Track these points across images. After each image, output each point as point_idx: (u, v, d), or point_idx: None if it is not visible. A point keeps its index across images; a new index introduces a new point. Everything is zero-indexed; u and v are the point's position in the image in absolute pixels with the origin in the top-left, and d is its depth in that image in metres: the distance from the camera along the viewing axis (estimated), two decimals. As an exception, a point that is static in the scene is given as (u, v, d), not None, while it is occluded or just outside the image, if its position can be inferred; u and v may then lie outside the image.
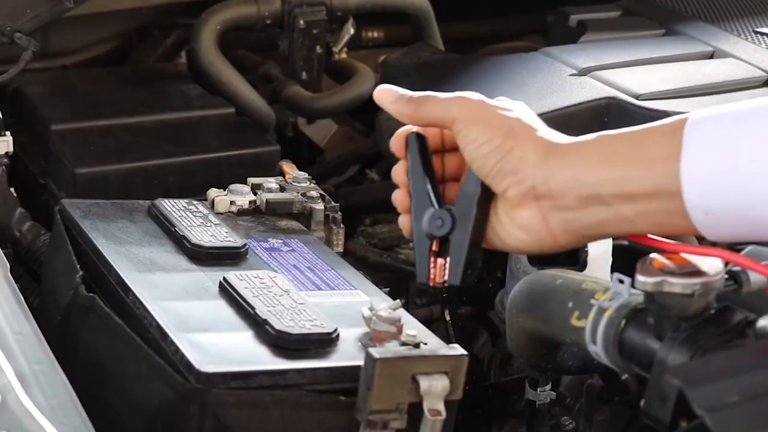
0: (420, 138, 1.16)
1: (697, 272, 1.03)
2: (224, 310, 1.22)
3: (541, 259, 1.15)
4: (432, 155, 1.17)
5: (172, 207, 1.41)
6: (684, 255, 1.06)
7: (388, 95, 1.19)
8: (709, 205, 1.03)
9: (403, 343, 1.13)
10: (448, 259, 1.13)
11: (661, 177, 1.05)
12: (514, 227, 1.11)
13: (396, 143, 1.18)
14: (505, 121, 1.11)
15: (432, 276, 1.14)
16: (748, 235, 1.06)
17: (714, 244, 1.18)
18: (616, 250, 1.40)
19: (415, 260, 1.15)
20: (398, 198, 1.18)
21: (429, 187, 1.15)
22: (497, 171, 1.10)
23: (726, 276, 1.05)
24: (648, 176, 1.05)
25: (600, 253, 1.41)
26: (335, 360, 1.15)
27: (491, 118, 1.12)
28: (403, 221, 1.17)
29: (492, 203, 1.13)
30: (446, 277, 1.13)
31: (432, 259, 1.14)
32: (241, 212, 1.46)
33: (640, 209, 1.06)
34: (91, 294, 1.26)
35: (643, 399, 1.01)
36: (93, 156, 1.63)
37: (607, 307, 1.09)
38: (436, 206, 1.14)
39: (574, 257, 1.17)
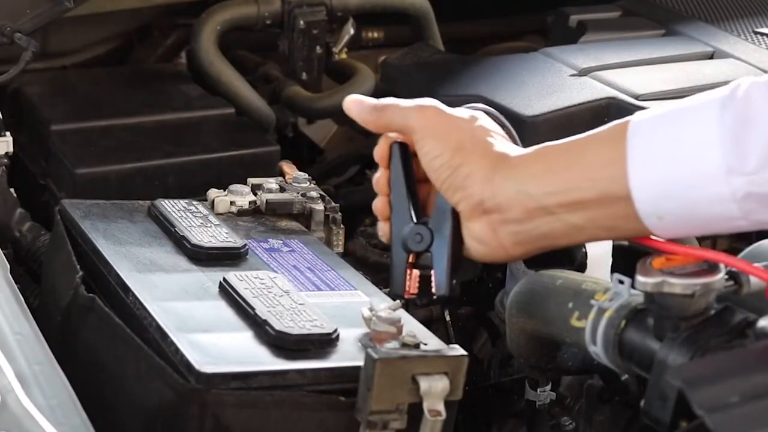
0: (403, 147, 1.19)
1: (697, 273, 1.03)
2: (224, 311, 1.22)
3: (537, 261, 1.16)
4: (413, 161, 1.19)
5: (172, 207, 1.41)
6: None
7: (355, 104, 1.21)
8: (662, 210, 1.05)
9: (403, 344, 1.13)
10: (432, 272, 1.16)
11: (607, 182, 1.07)
12: (469, 238, 1.15)
13: (380, 153, 1.20)
14: (457, 135, 1.14)
15: (407, 288, 1.17)
16: (701, 233, 1.07)
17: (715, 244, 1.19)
18: (616, 250, 1.40)
19: (390, 272, 1.18)
20: (379, 207, 1.20)
21: (409, 200, 1.18)
22: (448, 186, 1.14)
23: (726, 277, 1.05)
24: (592, 183, 1.08)
25: (600, 253, 1.41)
26: (335, 360, 1.15)
27: (444, 131, 1.15)
28: (384, 228, 1.20)
29: None
30: (434, 289, 1.17)
31: (408, 271, 1.17)
32: (241, 213, 1.46)
33: (589, 216, 1.09)
34: (91, 294, 1.26)
35: (643, 399, 1.01)
36: (93, 156, 1.63)
37: (607, 307, 1.09)
38: (415, 220, 1.17)
39: (570, 256, 1.17)
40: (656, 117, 1.08)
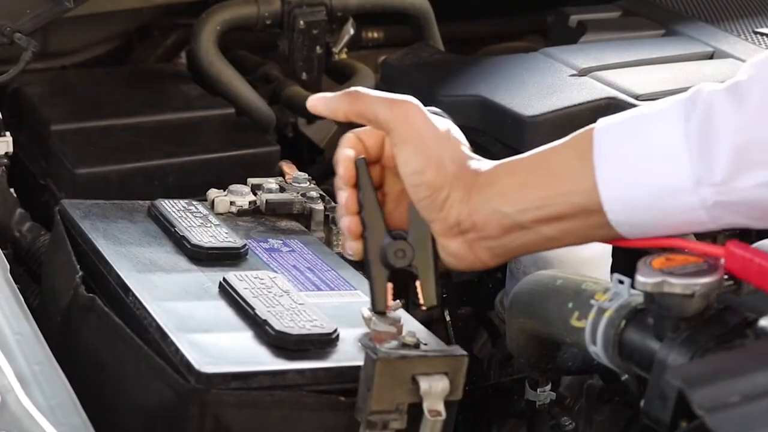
0: (365, 162, 1.16)
1: (697, 273, 1.03)
2: (224, 311, 1.22)
3: None
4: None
5: (172, 207, 1.41)
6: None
7: (319, 100, 1.19)
8: (633, 220, 1.07)
9: (403, 344, 1.13)
10: (418, 284, 1.16)
11: (579, 196, 1.08)
12: (445, 254, 1.15)
13: (347, 172, 1.16)
14: (438, 151, 1.13)
15: (388, 304, 1.16)
16: (671, 235, 1.08)
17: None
18: (616, 251, 1.40)
19: (370, 289, 1.16)
20: (351, 227, 1.16)
21: (382, 216, 1.16)
22: (425, 205, 1.13)
23: (726, 276, 1.05)
24: (565, 198, 1.09)
25: (600, 253, 1.41)
26: (335, 360, 1.15)
27: (427, 144, 1.13)
28: (356, 247, 1.17)
29: None
30: (421, 301, 1.16)
31: (388, 287, 1.16)
32: (241, 213, 1.46)
33: (563, 228, 1.10)
34: (91, 294, 1.26)
35: (643, 399, 1.01)
36: (93, 156, 1.63)
37: (607, 307, 1.09)
38: (392, 235, 1.15)
39: None
40: (619, 125, 1.09)
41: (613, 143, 1.08)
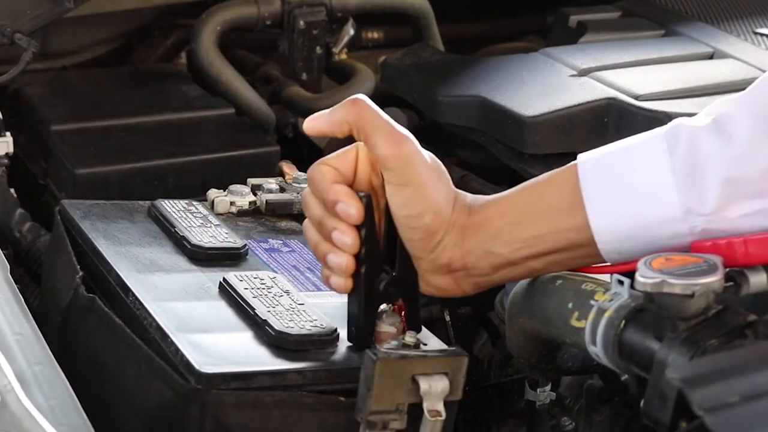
0: (371, 199, 1.14)
1: (697, 273, 1.03)
2: (224, 311, 1.22)
3: None
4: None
5: (172, 208, 1.41)
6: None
7: (318, 116, 1.16)
8: (623, 248, 1.11)
9: (403, 344, 1.13)
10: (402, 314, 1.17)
11: (571, 233, 1.12)
12: (428, 287, 1.17)
13: (359, 212, 1.13)
14: (435, 195, 1.13)
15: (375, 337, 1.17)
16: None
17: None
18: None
19: (358, 326, 1.16)
20: (345, 265, 1.14)
21: (380, 253, 1.15)
22: (418, 246, 1.14)
23: (726, 277, 1.05)
24: (558, 235, 1.12)
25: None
26: (335, 361, 1.15)
27: (427, 187, 1.12)
28: (345, 283, 1.15)
29: None
30: (407, 329, 1.16)
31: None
32: (241, 213, 1.46)
33: (552, 260, 1.14)
34: (91, 295, 1.26)
35: (643, 399, 1.01)
36: (93, 156, 1.63)
37: (606, 307, 1.09)
38: (387, 272, 1.16)
39: None
40: (602, 159, 1.12)
41: (599, 178, 1.11)
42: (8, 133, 1.61)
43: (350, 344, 1.17)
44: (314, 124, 1.16)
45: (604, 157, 1.13)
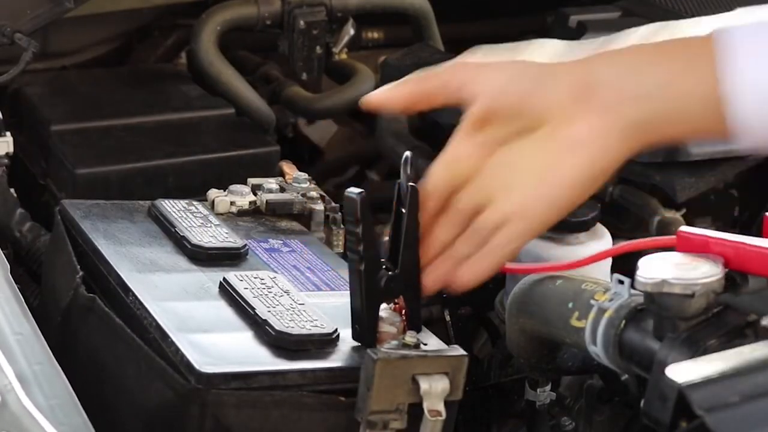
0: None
1: (697, 273, 1.03)
2: (224, 311, 1.22)
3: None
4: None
5: (172, 207, 1.41)
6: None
7: (380, 92, 1.16)
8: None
9: (403, 344, 1.13)
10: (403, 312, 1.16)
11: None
12: (562, 150, 1.10)
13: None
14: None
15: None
16: None
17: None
18: (616, 251, 1.40)
19: (362, 324, 1.15)
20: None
21: (378, 249, 1.15)
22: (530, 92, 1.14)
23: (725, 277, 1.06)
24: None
25: (600, 253, 1.41)
26: (335, 361, 1.15)
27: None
28: None
29: None
30: (407, 329, 1.15)
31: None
32: (241, 213, 1.46)
33: None
34: (91, 294, 1.26)
35: (643, 399, 1.01)
36: (93, 156, 1.63)
37: (607, 307, 1.09)
38: (389, 270, 1.15)
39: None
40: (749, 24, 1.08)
41: (743, 37, 1.07)
42: (8, 133, 1.61)
43: (352, 344, 1.17)
44: (372, 99, 1.19)
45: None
